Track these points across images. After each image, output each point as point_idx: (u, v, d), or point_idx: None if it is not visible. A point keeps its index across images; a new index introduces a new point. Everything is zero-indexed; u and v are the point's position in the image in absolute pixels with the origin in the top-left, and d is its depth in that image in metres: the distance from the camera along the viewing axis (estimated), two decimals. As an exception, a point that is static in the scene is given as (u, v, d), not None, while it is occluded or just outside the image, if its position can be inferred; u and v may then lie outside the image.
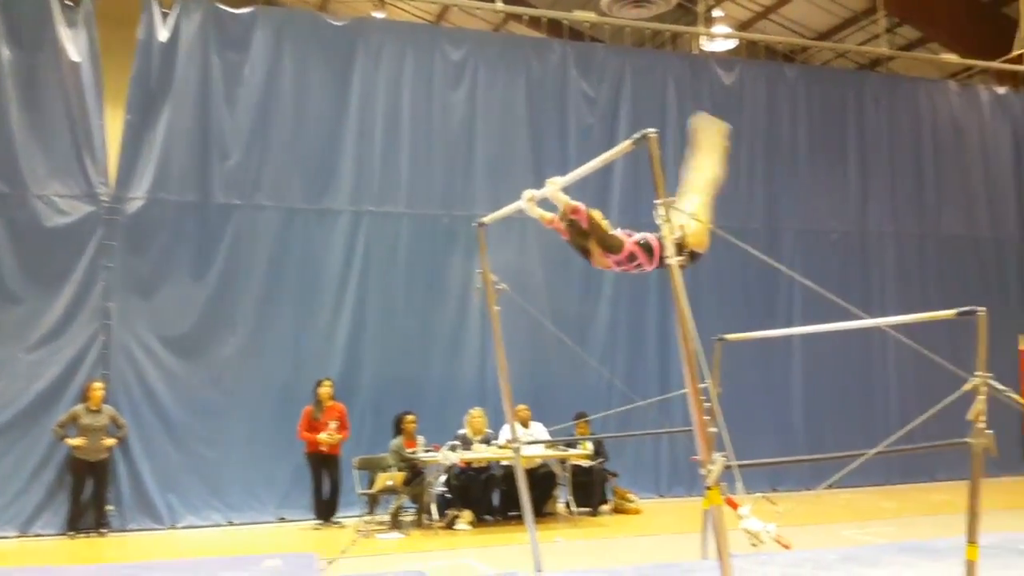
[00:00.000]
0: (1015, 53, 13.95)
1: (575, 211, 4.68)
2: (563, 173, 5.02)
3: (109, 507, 9.27)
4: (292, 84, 10.58)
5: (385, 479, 9.13)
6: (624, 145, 4.28)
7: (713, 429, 4.41)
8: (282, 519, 9.83)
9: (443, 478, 9.47)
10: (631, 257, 4.72)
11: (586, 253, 4.81)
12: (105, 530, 9.12)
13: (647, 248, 4.69)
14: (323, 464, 9.63)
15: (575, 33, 13.32)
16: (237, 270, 10.18)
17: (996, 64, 14.12)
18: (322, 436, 9.50)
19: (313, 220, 10.52)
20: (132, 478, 9.48)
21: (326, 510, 9.59)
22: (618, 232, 4.75)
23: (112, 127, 10.05)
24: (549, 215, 4.97)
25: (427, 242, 10.93)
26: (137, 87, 9.97)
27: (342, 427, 9.67)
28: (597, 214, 4.76)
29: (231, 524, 9.63)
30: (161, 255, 9.94)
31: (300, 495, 9.81)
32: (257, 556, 7.53)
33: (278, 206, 10.38)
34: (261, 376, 10.08)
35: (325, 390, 9.72)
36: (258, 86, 10.44)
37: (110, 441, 9.19)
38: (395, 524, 9.14)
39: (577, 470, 10.08)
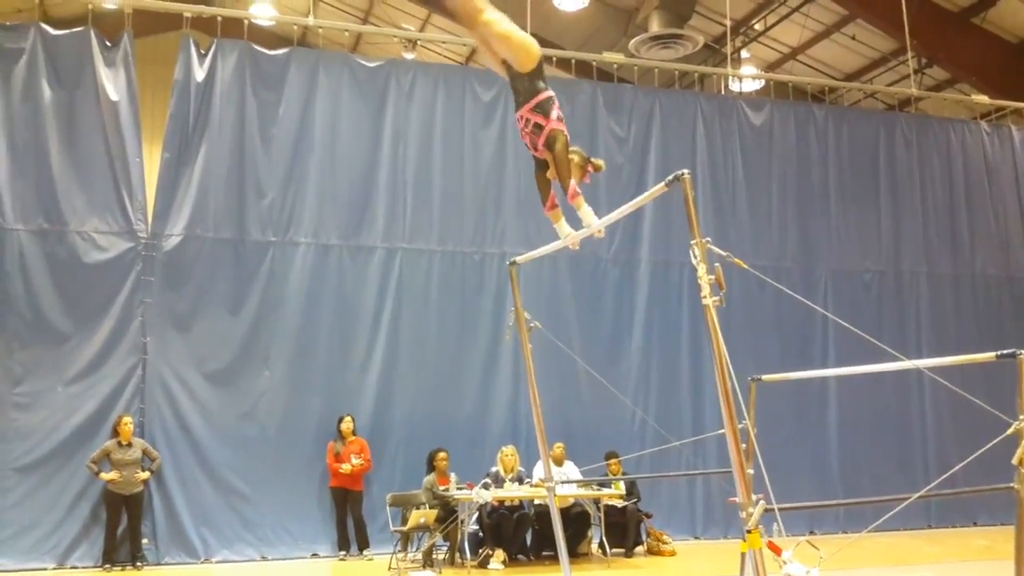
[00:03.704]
0: (1045, 93, 13.89)
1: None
2: (593, 211, 5.07)
3: (144, 540, 9.32)
4: (326, 123, 10.75)
5: (418, 516, 9.12)
6: (659, 187, 4.32)
7: (751, 471, 4.39)
8: (315, 555, 9.83)
9: (476, 516, 9.44)
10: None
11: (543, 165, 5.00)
12: (141, 563, 9.17)
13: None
14: (345, 498, 9.77)
15: (604, 74, 13.44)
16: (272, 305, 10.28)
17: (1026, 104, 14.07)
18: (344, 466, 9.61)
19: (347, 256, 10.63)
20: (167, 511, 9.54)
21: (349, 543, 9.72)
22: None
23: (150, 165, 10.27)
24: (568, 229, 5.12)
25: (458, 279, 11.00)
26: (174, 125, 10.17)
27: (364, 460, 9.80)
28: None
29: (264, 559, 9.65)
30: (197, 291, 10.07)
31: (333, 530, 9.84)
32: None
33: (313, 243, 10.51)
34: (294, 411, 10.14)
35: (346, 425, 9.89)
36: (293, 125, 10.62)
37: (144, 475, 9.27)
38: (428, 562, 9.11)
39: (611, 510, 9.99)
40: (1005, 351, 4.47)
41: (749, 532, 3.62)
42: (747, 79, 15.11)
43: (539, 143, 4.91)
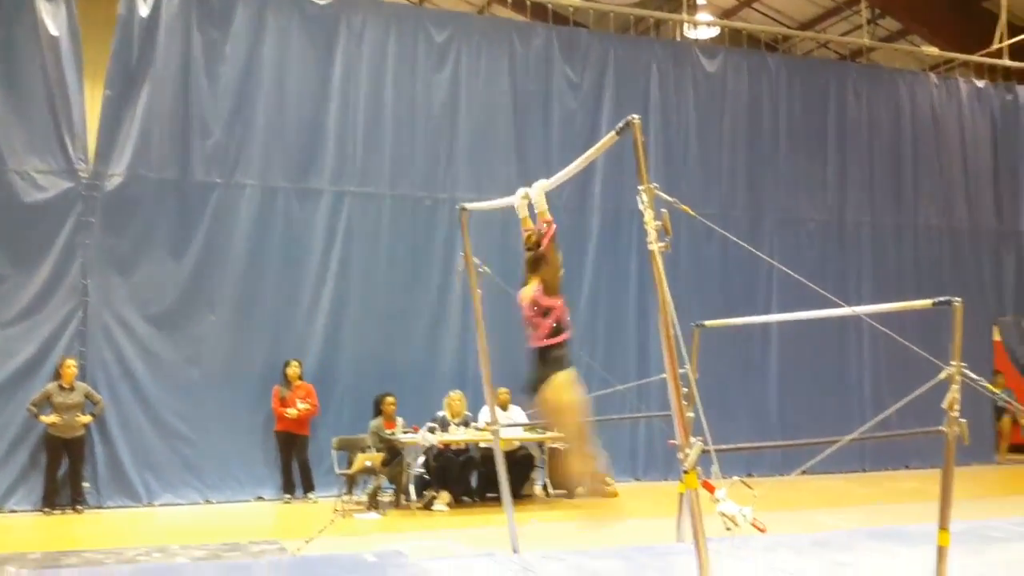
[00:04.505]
0: (995, 47, 14.08)
1: (548, 223, 4.70)
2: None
3: (85, 484, 9.24)
4: (274, 62, 10.50)
5: (364, 460, 9.16)
6: (608, 138, 4.28)
7: (691, 414, 4.47)
8: (259, 498, 9.84)
9: (422, 459, 9.51)
10: (546, 312, 4.67)
11: (526, 276, 4.71)
12: (81, 507, 9.10)
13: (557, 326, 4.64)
14: (291, 442, 9.80)
15: (559, 17, 13.30)
16: (217, 248, 10.13)
17: (976, 57, 14.25)
18: (289, 411, 9.61)
19: (294, 199, 10.48)
20: (109, 456, 9.45)
21: (294, 487, 9.78)
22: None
23: (91, 103, 9.95)
24: (526, 217, 4.99)
25: (409, 224, 10.92)
26: (117, 63, 9.86)
27: (311, 405, 9.83)
28: (558, 258, 4.68)
29: (208, 502, 9.63)
30: (140, 232, 9.87)
31: (278, 474, 9.86)
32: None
33: (259, 185, 10.33)
34: (240, 355, 10.06)
35: (292, 370, 9.86)
36: (239, 64, 10.36)
37: (85, 418, 9.15)
38: (373, 504, 9.17)
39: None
40: (941, 299, 4.58)
41: (686, 473, 3.69)
42: (702, 26, 15.05)
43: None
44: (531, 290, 4.69)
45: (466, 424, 9.80)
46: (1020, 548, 5.94)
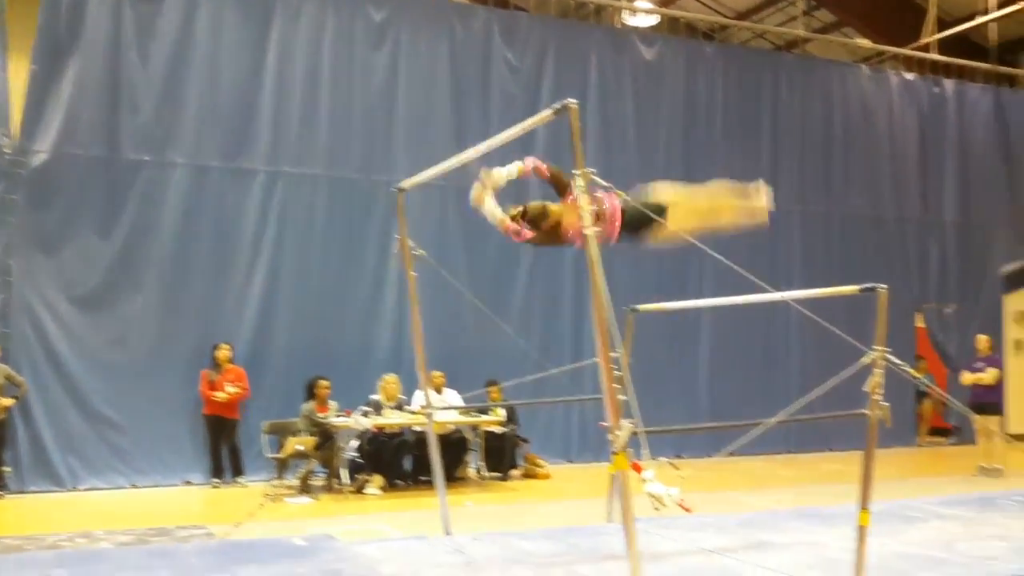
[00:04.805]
0: (924, 41, 14.45)
1: (535, 168, 4.61)
2: (486, 141, 5.02)
3: (6, 468, 8.97)
4: (207, 38, 10.26)
5: (295, 443, 9.08)
6: (544, 114, 4.29)
7: (622, 397, 4.52)
8: (187, 482, 9.68)
9: (355, 443, 9.46)
10: (599, 217, 4.52)
11: (554, 236, 4.66)
12: (2, 492, 8.84)
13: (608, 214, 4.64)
14: (220, 426, 9.64)
15: (500, 0, 13.25)
16: (146, 228, 9.89)
17: (906, 51, 14.61)
18: (219, 394, 9.49)
19: (227, 179, 10.28)
20: (31, 439, 9.20)
21: (223, 471, 9.64)
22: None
23: (16, 77, 9.62)
24: (501, 214, 4.86)
25: (345, 205, 10.80)
26: (43, 36, 9.54)
27: (241, 389, 9.70)
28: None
29: (134, 487, 9.44)
30: (66, 211, 9.59)
31: (206, 458, 9.72)
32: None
33: (190, 163, 10.11)
34: (169, 338, 9.86)
35: (222, 353, 9.70)
36: (171, 39, 10.09)
37: (7, 401, 8.87)
38: (304, 488, 9.10)
39: (489, 436, 10.20)
40: (867, 285, 4.70)
41: (615, 454, 3.74)
42: (641, 13, 15.15)
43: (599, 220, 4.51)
44: (572, 223, 4.56)
45: (400, 408, 9.76)
46: (937, 527, 6.15)
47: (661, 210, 4.77)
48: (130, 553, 5.95)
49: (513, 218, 4.68)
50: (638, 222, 4.70)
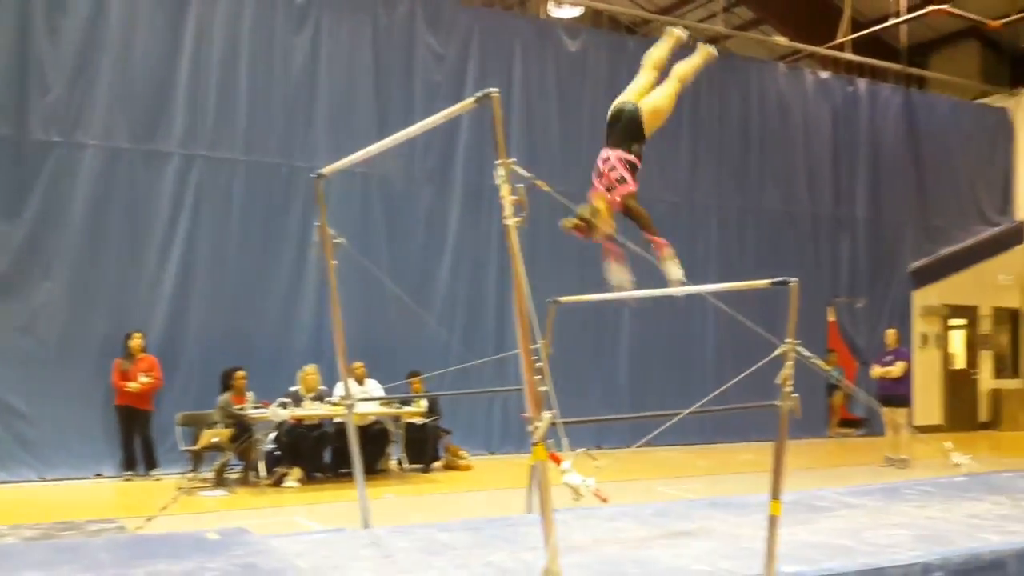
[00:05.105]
0: (839, 40, 14.85)
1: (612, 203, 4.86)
2: (408, 128, 4.96)
3: (-95, 461, 8.60)
4: (122, 15, 9.96)
5: (210, 435, 8.89)
6: (466, 102, 4.25)
7: (543, 388, 4.52)
8: (99, 475, 9.41)
9: (272, 435, 9.30)
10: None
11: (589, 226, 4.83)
12: (-102, 487, 8.47)
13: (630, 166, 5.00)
14: (133, 417, 9.41)
15: (425, -13, 13.12)
16: (55, 211, 9.55)
17: (822, 49, 15.00)
18: (131, 384, 9.22)
19: (140, 162, 9.99)
20: (-69, 430, 8.83)
21: (136, 463, 9.41)
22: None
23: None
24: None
25: (263, 192, 10.61)
26: (-53, 11, 9.14)
27: (154, 379, 9.44)
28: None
29: (43, 480, 9.14)
30: (-31, 192, 9.20)
31: (118, 450, 9.45)
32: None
33: (102, 145, 9.80)
34: (79, 325, 9.56)
35: (135, 342, 9.47)
36: (84, 15, 9.78)
37: (-97, 391, 8.49)
38: (220, 481, 8.92)
39: (411, 427, 10.14)
40: (778, 279, 4.79)
41: (534, 445, 3.74)
42: (566, 5, 15.21)
43: (611, 194, 4.93)
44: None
45: (320, 399, 9.63)
46: (845, 516, 6.32)
47: (638, 125, 5.29)
48: (36, 548, 5.73)
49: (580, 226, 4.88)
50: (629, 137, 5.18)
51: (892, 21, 14.82)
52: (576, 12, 14.79)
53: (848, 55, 14.94)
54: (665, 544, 5.48)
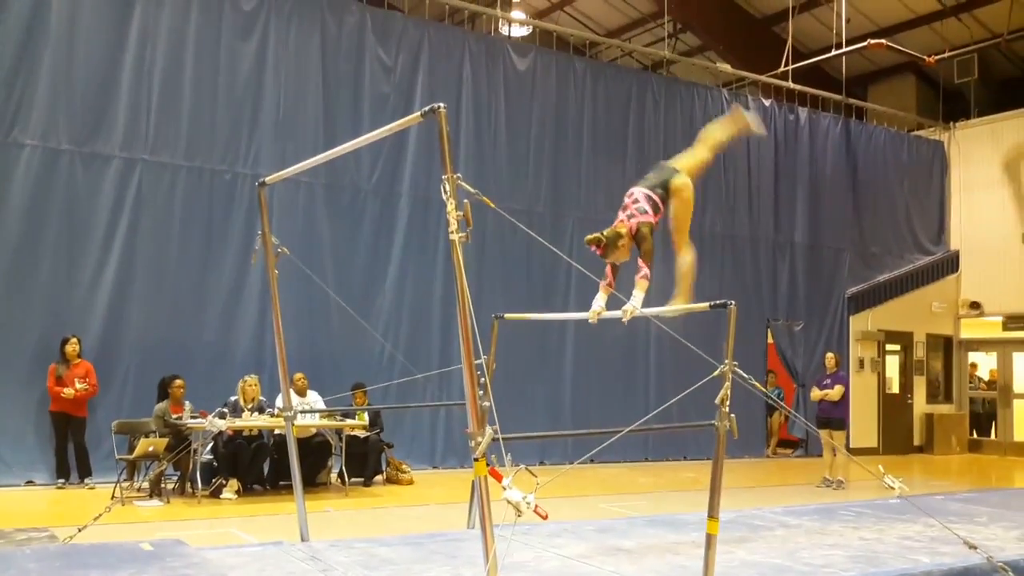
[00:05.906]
0: (781, 69, 15.20)
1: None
2: (356, 138, 4.95)
3: None
4: (63, 13, 9.75)
5: (146, 444, 8.69)
6: (413, 117, 4.26)
7: (486, 403, 4.53)
8: (30, 482, 9.16)
9: (210, 446, 9.14)
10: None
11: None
12: None
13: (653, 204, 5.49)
14: (67, 424, 9.18)
15: (375, -1, 13.12)
16: (-11, 213, 9.30)
17: (764, 77, 15.33)
18: (66, 391, 9.03)
19: (79, 164, 9.78)
20: None
21: (69, 471, 9.18)
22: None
23: None
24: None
25: (206, 198, 10.46)
26: None
27: (90, 385, 9.24)
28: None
29: (-31, 487, 8.86)
30: (-101, 191, 8.92)
31: (51, 457, 9.21)
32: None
33: (40, 146, 9.57)
34: (12, 329, 9.30)
35: (71, 347, 9.25)
36: (23, 12, 9.56)
37: None
38: (155, 492, 8.73)
39: (352, 440, 10.03)
40: (717, 302, 4.88)
41: (476, 460, 3.75)
42: (515, 24, 15.33)
43: (631, 220, 5.50)
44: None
45: (260, 410, 9.49)
46: (782, 536, 6.42)
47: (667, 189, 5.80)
48: (-43, 560, 5.54)
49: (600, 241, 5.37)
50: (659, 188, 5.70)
51: (833, 53, 15.21)
52: (525, 31, 14.91)
53: (790, 83, 15.30)
54: (605, 561, 5.51)
